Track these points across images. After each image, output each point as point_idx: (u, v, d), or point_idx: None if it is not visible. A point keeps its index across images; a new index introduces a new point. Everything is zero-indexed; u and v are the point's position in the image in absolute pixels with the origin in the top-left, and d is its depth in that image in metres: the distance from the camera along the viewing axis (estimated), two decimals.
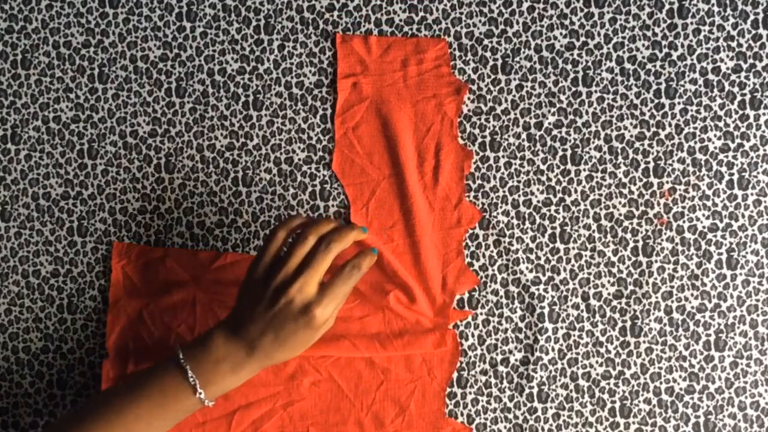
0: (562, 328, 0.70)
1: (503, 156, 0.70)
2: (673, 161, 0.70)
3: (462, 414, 0.70)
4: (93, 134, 0.71)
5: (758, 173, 0.69)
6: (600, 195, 0.70)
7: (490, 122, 0.70)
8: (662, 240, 0.69)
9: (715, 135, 0.69)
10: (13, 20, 0.71)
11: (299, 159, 0.71)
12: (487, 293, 0.70)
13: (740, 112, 0.69)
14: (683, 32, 0.70)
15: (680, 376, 0.69)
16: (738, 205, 0.69)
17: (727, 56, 0.69)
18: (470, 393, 0.70)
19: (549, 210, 0.70)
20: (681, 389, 0.69)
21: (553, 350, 0.69)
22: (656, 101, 0.70)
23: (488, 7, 0.70)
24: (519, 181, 0.70)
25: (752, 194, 0.69)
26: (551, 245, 0.70)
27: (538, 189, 0.70)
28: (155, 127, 0.71)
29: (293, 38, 0.71)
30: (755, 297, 0.69)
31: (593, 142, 0.70)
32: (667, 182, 0.70)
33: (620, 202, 0.70)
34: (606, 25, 0.70)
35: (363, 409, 0.69)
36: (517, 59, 0.70)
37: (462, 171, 0.70)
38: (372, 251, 0.62)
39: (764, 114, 0.69)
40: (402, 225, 0.70)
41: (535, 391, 0.69)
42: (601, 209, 0.70)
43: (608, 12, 0.70)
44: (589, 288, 0.70)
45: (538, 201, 0.70)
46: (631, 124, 0.70)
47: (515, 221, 0.70)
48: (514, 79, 0.70)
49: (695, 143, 0.69)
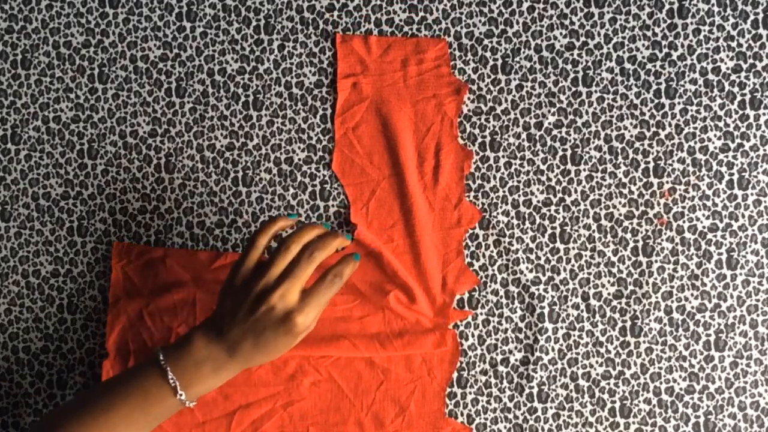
0: (562, 328, 0.70)
1: (503, 156, 0.70)
2: (673, 161, 0.70)
3: (462, 414, 0.70)
4: (93, 134, 0.71)
5: (758, 173, 0.69)
6: (600, 195, 0.70)
7: (490, 122, 0.70)
8: (662, 240, 0.69)
9: (715, 135, 0.69)
10: (13, 20, 0.71)
11: (299, 159, 0.71)
12: (487, 293, 0.70)
13: (740, 112, 0.69)
14: (683, 32, 0.70)
15: (680, 376, 0.69)
16: (738, 205, 0.69)
17: (727, 56, 0.69)
18: (470, 393, 0.70)
19: (549, 210, 0.70)
20: (681, 389, 0.69)
21: (553, 350, 0.69)
22: (656, 101, 0.70)
23: (488, 7, 0.70)
24: (519, 181, 0.70)
25: (752, 194, 0.69)
26: (551, 245, 0.70)
27: (538, 189, 0.70)
28: (155, 127, 0.71)
29: (293, 38, 0.71)
30: (755, 297, 0.69)
31: (593, 142, 0.70)
32: (667, 182, 0.70)
33: (620, 202, 0.70)
34: (606, 25, 0.70)
35: (363, 409, 0.69)
36: (517, 59, 0.70)
37: (462, 171, 0.70)
38: (354, 257, 0.62)
39: (764, 114, 0.69)
40: (402, 225, 0.70)
41: (535, 391, 0.69)
42: (601, 209, 0.70)
43: (608, 12, 0.70)
44: (589, 288, 0.70)
45: (538, 201, 0.70)
46: (631, 124, 0.70)
47: (515, 221, 0.70)
48: (514, 79, 0.70)
49: (695, 143, 0.69)
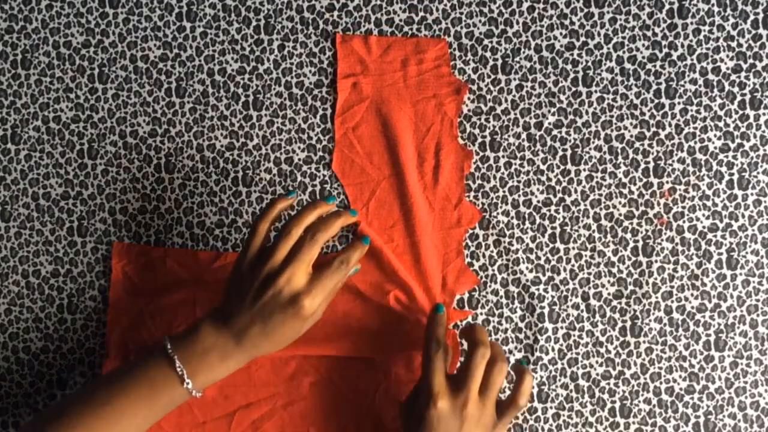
0: (562, 328, 0.70)
1: (503, 156, 0.70)
2: (673, 161, 0.70)
3: None
4: (93, 134, 0.71)
5: (758, 173, 0.69)
6: (600, 195, 0.70)
7: (490, 122, 0.70)
8: (662, 240, 0.69)
9: (715, 135, 0.69)
10: (13, 20, 0.71)
11: (299, 159, 0.71)
12: (487, 293, 0.70)
13: (740, 112, 0.69)
14: (683, 32, 0.70)
15: (680, 376, 0.69)
16: (738, 205, 0.69)
17: (727, 56, 0.69)
18: None
19: (549, 210, 0.70)
20: (681, 389, 0.69)
21: (553, 350, 0.70)
22: (656, 101, 0.70)
23: (488, 7, 0.70)
24: (519, 181, 0.70)
25: (752, 194, 0.69)
26: (551, 245, 0.70)
27: (538, 189, 0.70)
28: (155, 127, 0.71)
29: (293, 38, 0.71)
30: (755, 297, 0.69)
31: (593, 142, 0.70)
32: (667, 182, 0.70)
33: (620, 202, 0.70)
34: (606, 25, 0.70)
35: (363, 409, 0.69)
36: (517, 59, 0.70)
37: (462, 171, 0.70)
38: (363, 240, 0.62)
39: (764, 114, 0.69)
40: (402, 225, 0.70)
41: (535, 391, 0.69)
42: (601, 209, 0.70)
43: (608, 12, 0.70)
44: (589, 288, 0.70)
45: (538, 201, 0.70)
46: (631, 124, 0.70)
47: (515, 221, 0.70)
48: (514, 79, 0.70)
49: (695, 143, 0.69)
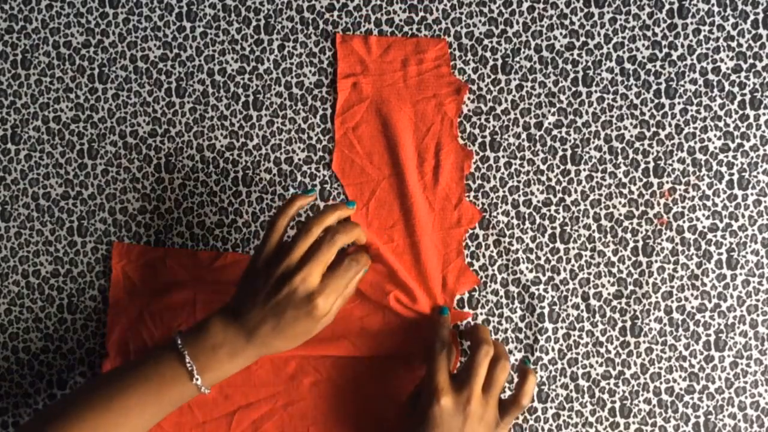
0: (562, 328, 0.70)
1: (503, 156, 0.70)
2: (673, 161, 0.70)
3: None
4: (93, 134, 0.71)
5: (758, 173, 0.69)
6: (600, 195, 0.70)
7: (490, 122, 0.70)
8: (662, 240, 0.69)
9: (715, 135, 0.69)
10: (13, 20, 0.71)
11: (299, 159, 0.71)
12: (487, 293, 0.70)
13: (740, 112, 0.69)
14: (683, 32, 0.70)
15: (680, 376, 0.69)
16: (738, 205, 0.69)
17: (727, 56, 0.69)
18: None
19: (549, 210, 0.70)
20: (681, 389, 0.69)
21: (553, 350, 0.70)
22: (656, 101, 0.70)
23: (488, 7, 0.70)
24: (519, 181, 0.70)
25: (752, 194, 0.69)
26: (551, 245, 0.70)
27: (538, 189, 0.70)
28: (155, 127, 0.71)
29: (293, 38, 0.71)
30: (755, 297, 0.69)
31: (593, 142, 0.70)
32: (667, 182, 0.70)
33: (620, 202, 0.70)
34: (606, 25, 0.70)
35: (363, 409, 0.69)
36: (517, 59, 0.70)
37: (462, 171, 0.70)
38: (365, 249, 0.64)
39: (764, 114, 0.69)
40: (402, 225, 0.70)
41: (535, 391, 0.69)
42: (601, 209, 0.70)
43: (608, 12, 0.70)
44: (589, 288, 0.70)
45: (538, 201, 0.70)
46: (631, 124, 0.70)
47: (515, 221, 0.70)
48: (514, 79, 0.70)
49: (695, 143, 0.69)
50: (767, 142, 0.69)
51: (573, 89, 0.70)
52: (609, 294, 0.70)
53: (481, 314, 0.70)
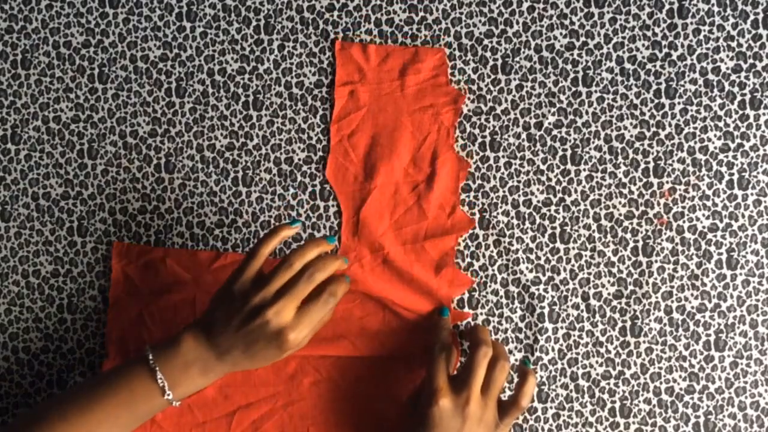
0: (562, 328, 0.70)
1: (503, 156, 0.70)
2: (673, 161, 0.70)
3: None
4: (93, 134, 0.71)
5: (758, 173, 0.69)
6: (600, 195, 0.70)
7: (490, 122, 0.70)
8: (662, 240, 0.69)
9: (715, 135, 0.69)
10: (13, 20, 0.71)
11: (299, 159, 0.71)
12: (487, 293, 0.70)
13: (740, 112, 0.69)
14: (683, 32, 0.70)
15: (680, 376, 0.69)
16: (738, 205, 0.69)
17: (727, 56, 0.69)
18: None
19: (549, 210, 0.70)
20: (681, 389, 0.69)
21: (553, 350, 0.70)
22: (656, 101, 0.70)
23: (488, 7, 0.70)
24: (519, 181, 0.70)
25: (752, 194, 0.69)
26: (551, 245, 0.70)
27: (538, 189, 0.70)
28: (155, 127, 0.71)
29: (293, 38, 0.71)
30: (755, 297, 0.69)
31: (593, 142, 0.70)
32: (667, 182, 0.70)
33: (620, 202, 0.70)
34: (606, 25, 0.70)
35: (363, 409, 0.69)
36: (517, 59, 0.70)
37: (457, 181, 0.70)
38: (345, 278, 0.63)
39: (764, 114, 0.69)
40: (393, 233, 0.70)
41: (535, 391, 0.69)
42: (601, 209, 0.70)
43: (608, 12, 0.70)
44: (589, 288, 0.70)
45: (538, 201, 0.70)
46: (631, 124, 0.70)
47: (515, 221, 0.70)
48: (514, 79, 0.70)
49: (695, 143, 0.69)
50: (767, 142, 0.69)
51: (573, 89, 0.70)
52: (609, 294, 0.70)
53: (481, 314, 0.70)
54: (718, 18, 0.69)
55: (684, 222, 0.69)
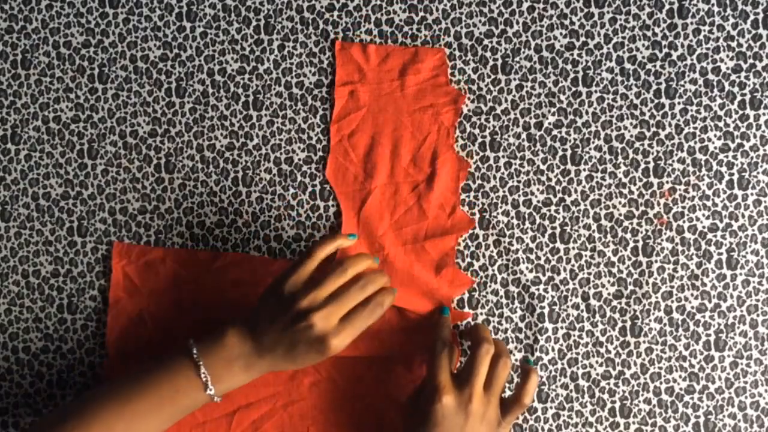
0: (562, 328, 0.70)
1: (503, 156, 0.70)
2: (673, 161, 0.70)
3: None
4: (93, 134, 0.71)
5: (758, 173, 0.69)
6: (600, 195, 0.70)
7: (490, 122, 0.70)
8: (662, 240, 0.69)
9: (715, 135, 0.69)
10: (13, 20, 0.71)
11: (299, 159, 0.71)
12: (487, 293, 0.70)
13: (740, 112, 0.69)
14: (683, 32, 0.70)
15: (680, 376, 0.69)
16: (738, 205, 0.69)
17: (727, 56, 0.69)
18: None
19: (549, 210, 0.70)
20: (681, 389, 0.69)
21: (553, 350, 0.70)
22: (656, 101, 0.70)
23: (488, 7, 0.70)
24: (519, 181, 0.70)
25: (752, 194, 0.69)
26: (551, 245, 0.70)
27: (538, 189, 0.70)
28: (155, 127, 0.71)
29: (293, 38, 0.71)
30: (755, 297, 0.69)
31: (593, 142, 0.70)
32: (667, 182, 0.70)
33: (620, 202, 0.70)
34: (606, 25, 0.70)
35: (363, 409, 0.69)
36: (517, 59, 0.70)
37: (457, 181, 0.70)
38: (393, 290, 0.64)
39: (764, 114, 0.69)
40: (394, 233, 0.70)
41: (536, 391, 0.69)
42: (601, 209, 0.70)
43: (608, 12, 0.70)
44: (589, 288, 0.70)
45: (538, 201, 0.70)
46: (631, 124, 0.70)
47: (515, 221, 0.70)
48: (514, 79, 0.70)
49: (695, 143, 0.69)
50: (767, 142, 0.69)
51: (573, 89, 0.70)
52: (609, 294, 0.70)
53: (481, 314, 0.70)
54: (718, 18, 0.69)
55: (684, 222, 0.69)
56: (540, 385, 0.69)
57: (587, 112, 0.70)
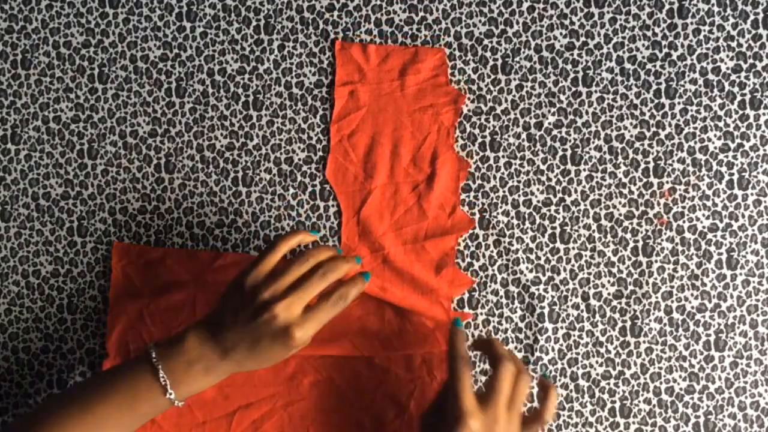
0: (562, 328, 0.70)
1: (503, 156, 0.70)
2: (673, 161, 0.70)
3: None
4: (93, 134, 0.71)
5: (758, 173, 0.69)
6: (600, 195, 0.70)
7: (490, 122, 0.70)
8: (662, 240, 0.69)
9: (715, 135, 0.69)
10: (13, 20, 0.71)
11: (299, 159, 0.71)
12: (487, 293, 0.70)
13: (740, 112, 0.69)
14: (683, 32, 0.70)
15: (680, 376, 0.69)
16: (738, 205, 0.69)
17: (727, 56, 0.69)
18: None
19: (549, 210, 0.70)
20: (681, 389, 0.69)
21: (553, 350, 0.70)
22: (656, 101, 0.70)
23: (488, 7, 0.70)
24: (519, 181, 0.70)
25: (752, 194, 0.69)
26: (551, 245, 0.70)
27: (538, 189, 0.70)
28: (155, 127, 0.71)
29: (293, 38, 0.71)
30: (755, 297, 0.69)
31: (593, 142, 0.70)
32: (667, 182, 0.70)
33: (620, 202, 0.70)
34: (606, 25, 0.70)
35: (363, 409, 0.69)
36: (517, 59, 0.70)
37: (457, 181, 0.70)
38: (364, 277, 0.62)
39: (764, 114, 0.69)
40: (394, 233, 0.70)
41: (536, 392, 0.69)
42: (601, 209, 0.70)
43: (608, 12, 0.70)
44: (589, 288, 0.70)
45: (538, 201, 0.70)
46: (631, 124, 0.70)
47: (515, 221, 0.70)
48: (514, 79, 0.70)
49: (695, 143, 0.69)
50: (767, 142, 0.69)
51: (573, 89, 0.70)
52: (609, 294, 0.70)
53: (481, 314, 0.70)
54: (718, 18, 0.69)
55: (684, 222, 0.69)
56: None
57: (587, 112, 0.70)
